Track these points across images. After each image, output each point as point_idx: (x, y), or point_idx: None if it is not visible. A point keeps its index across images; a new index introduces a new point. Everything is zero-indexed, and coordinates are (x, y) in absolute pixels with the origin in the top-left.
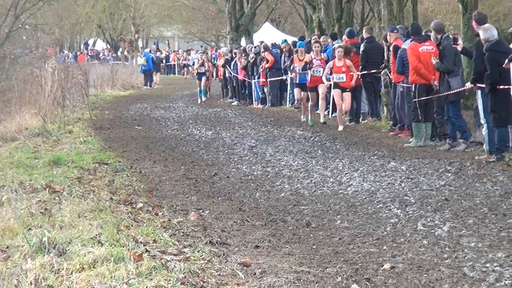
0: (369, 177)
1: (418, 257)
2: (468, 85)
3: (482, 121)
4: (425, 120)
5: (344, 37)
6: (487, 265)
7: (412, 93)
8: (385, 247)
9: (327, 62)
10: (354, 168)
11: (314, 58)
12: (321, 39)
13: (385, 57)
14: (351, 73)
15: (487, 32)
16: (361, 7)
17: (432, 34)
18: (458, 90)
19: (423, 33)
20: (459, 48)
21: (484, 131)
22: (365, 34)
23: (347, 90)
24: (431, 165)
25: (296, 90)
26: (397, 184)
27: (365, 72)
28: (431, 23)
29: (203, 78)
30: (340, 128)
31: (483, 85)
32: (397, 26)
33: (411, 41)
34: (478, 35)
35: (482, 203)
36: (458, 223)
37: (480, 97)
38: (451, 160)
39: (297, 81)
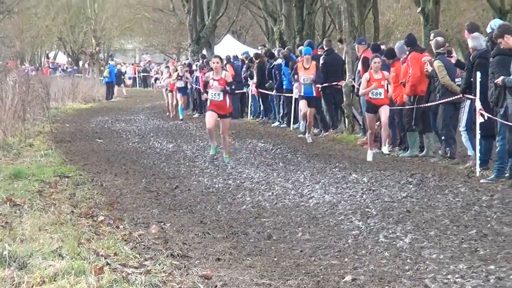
0: (330, 189)
1: (379, 269)
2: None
3: (462, 129)
4: (427, 131)
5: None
6: (449, 276)
7: (410, 103)
8: (346, 259)
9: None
10: (315, 180)
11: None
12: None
13: (348, 69)
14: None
15: (475, 41)
16: (322, 19)
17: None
18: (446, 100)
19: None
20: (453, 60)
21: (464, 137)
22: (324, 46)
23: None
24: (392, 176)
25: (301, 103)
26: (358, 196)
27: (326, 84)
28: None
29: (180, 94)
30: (385, 149)
31: (470, 96)
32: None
33: (410, 51)
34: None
35: (444, 214)
36: (419, 235)
37: (468, 107)
38: (413, 172)
39: (302, 93)
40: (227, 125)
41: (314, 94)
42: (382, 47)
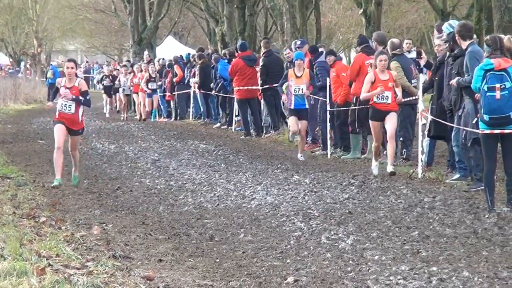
0: (272, 190)
1: (321, 270)
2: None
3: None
4: (368, 133)
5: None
6: (391, 278)
7: (352, 105)
8: (288, 261)
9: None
10: (257, 182)
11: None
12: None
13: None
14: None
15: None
16: (264, 20)
17: (373, 46)
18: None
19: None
20: (422, 61)
21: (425, 142)
22: (263, 48)
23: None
24: (334, 178)
25: (291, 120)
26: (300, 198)
27: (266, 86)
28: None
29: (155, 96)
30: (390, 168)
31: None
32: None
33: (358, 52)
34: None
35: (386, 216)
36: (361, 236)
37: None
38: (355, 173)
39: (292, 107)
40: (77, 143)
41: (307, 106)
42: (321, 49)
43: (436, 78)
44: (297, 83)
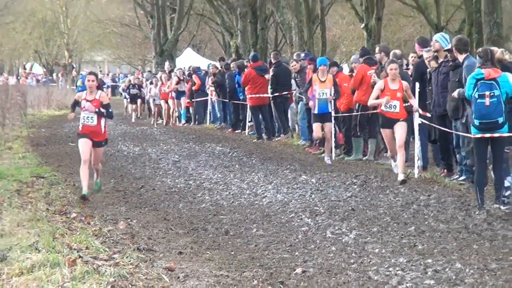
0: (282, 189)
1: (327, 262)
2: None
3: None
4: (369, 137)
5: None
6: (390, 269)
7: (355, 111)
8: (297, 253)
9: None
10: (268, 181)
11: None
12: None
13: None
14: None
15: (430, 52)
16: (274, 33)
17: (379, 57)
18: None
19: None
20: (410, 72)
21: (418, 148)
22: (273, 59)
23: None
24: (338, 178)
25: (315, 126)
26: (307, 196)
27: (276, 94)
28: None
29: (183, 98)
30: (401, 177)
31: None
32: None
33: (361, 63)
34: (420, 57)
35: (385, 212)
36: (363, 231)
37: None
38: (357, 174)
39: (316, 112)
40: (101, 155)
41: (330, 110)
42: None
43: (430, 88)
44: (321, 87)
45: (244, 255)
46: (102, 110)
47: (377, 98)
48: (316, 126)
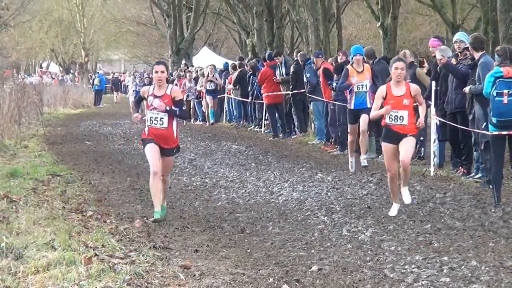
0: (298, 187)
1: (343, 260)
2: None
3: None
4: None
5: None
6: (406, 267)
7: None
8: (313, 251)
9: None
10: (284, 179)
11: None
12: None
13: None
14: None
15: (443, 53)
16: (290, 32)
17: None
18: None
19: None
20: (425, 70)
21: (435, 146)
22: (299, 58)
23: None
24: (354, 176)
25: (351, 127)
26: (323, 194)
27: (295, 91)
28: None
29: (211, 97)
30: (395, 209)
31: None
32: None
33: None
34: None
35: (401, 210)
36: (379, 229)
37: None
38: (373, 172)
39: (352, 106)
40: (171, 166)
41: (368, 105)
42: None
43: (438, 88)
44: (360, 79)
45: (260, 253)
46: (174, 108)
47: (381, 108)
48: (351, 128)
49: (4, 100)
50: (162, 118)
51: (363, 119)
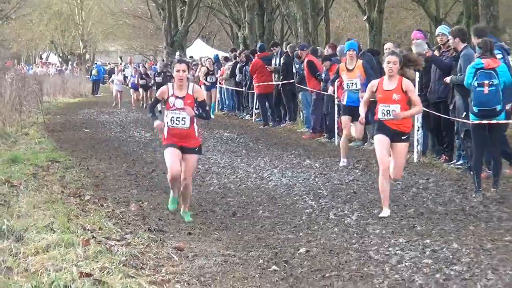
0: (287, 173)
1: (330, 242)
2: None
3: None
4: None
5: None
6: (390, 249)
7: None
8: (301, 234)
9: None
10: (274, 165)
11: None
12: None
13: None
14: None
15: (419, 47)
16: (280, 25)
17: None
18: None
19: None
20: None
21: (420, 134)
22: (289, 50)
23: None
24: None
25: (344, 119)
26: (311, 179)
27: (285, 81)
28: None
29: (213, 90)
30: (386, 213)
31: None
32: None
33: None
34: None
35: None
36: (364, 213)
37: None
38: (359, 159)
39: (345, 102)
40: (193, 166)
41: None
42: (320, 49)
43: (420, 78)
44: (350, 77)
45: (250, 236)
46: (201, 112)
47: (372, 100)
48: (344, 120)
49: (6, 89)
50: (184, 118)
51: (357, 127)
